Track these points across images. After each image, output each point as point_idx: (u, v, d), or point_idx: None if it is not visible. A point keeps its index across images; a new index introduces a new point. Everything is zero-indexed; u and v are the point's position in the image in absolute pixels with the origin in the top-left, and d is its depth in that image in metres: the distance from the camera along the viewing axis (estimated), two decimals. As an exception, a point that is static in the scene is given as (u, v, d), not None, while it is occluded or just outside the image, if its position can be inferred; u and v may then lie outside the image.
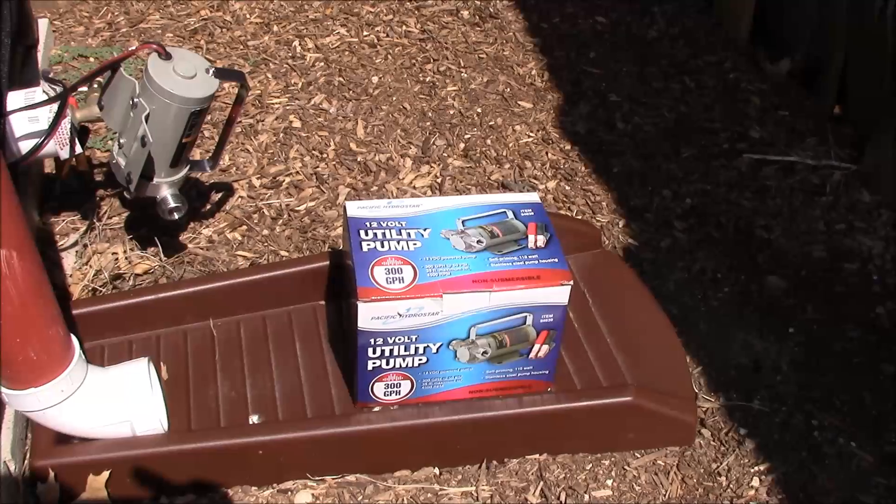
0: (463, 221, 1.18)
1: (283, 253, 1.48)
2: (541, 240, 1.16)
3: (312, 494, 1.13)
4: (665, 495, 1.16)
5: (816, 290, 1.46)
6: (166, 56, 1.17)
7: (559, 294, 1.12)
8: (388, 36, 2.04)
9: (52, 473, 1.08)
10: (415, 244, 1.14)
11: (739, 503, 1.15)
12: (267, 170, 1.65)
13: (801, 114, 1.83)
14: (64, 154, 1.25)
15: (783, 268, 1.50)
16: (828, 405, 1.28)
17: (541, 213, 1.21)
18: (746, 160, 1.71)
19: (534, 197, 1.24)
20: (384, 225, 1.16)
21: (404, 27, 2.06)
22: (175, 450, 1.11)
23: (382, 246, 1.13)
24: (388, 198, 1.60)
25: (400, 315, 1.08)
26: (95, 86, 1.30)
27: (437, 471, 1.17)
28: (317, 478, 1.14)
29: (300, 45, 2.00)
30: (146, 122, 1.15)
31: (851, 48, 1.74)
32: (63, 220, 1.52)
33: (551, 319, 1.14)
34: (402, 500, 1.13)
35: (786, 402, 1.28)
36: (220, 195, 1.59)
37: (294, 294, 1.34)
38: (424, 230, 1.16)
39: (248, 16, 2.09)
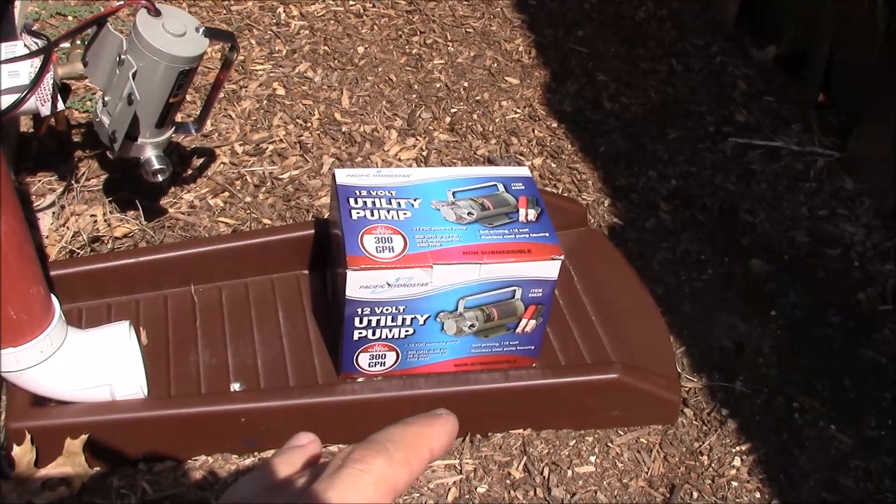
0: (453, 193, 1.17)
1: (265, 221, 1.46)
2: (532, 214, 1.15)
3: (294, 464, 1.11)
4: (647, 473, 1.16)
5: (799, 274, 1.46)
6: (156, 12, 1.13)
7: (549, 268, 1.11)
8: (374, 6, 2.01)
9: (28, 436, 1.05)
10: (405, 214, 1.12)
11: (721, 482, 1.15)
12: (250, 137, 1.62)
13: (786, 100, 1.83)
14: (45, 111, 1.21)
15: (766, 252, 1.50)
16: (808, 388, 1.29)
17: (532, 188, 1.20)
18: (732, 144, 1.71)
19: (524, 171, 1.23)
20: (374, 194, 1.15)
21: (391, -2, 2.04)
22: (155, 415, 1.09)
23: (372, 215, 1.11)
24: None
25: (389, 285, 1.07)
26: (79, 42, 1.27)
27: (420, 443, 1.16)
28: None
29: (285, 11, 1.96)
30: (133, 79, 1.12)
31: (839, 35, 1.74)
32: (40, 181, 1.48)
33: (540, 294, 1.13)
34: (385, 471, 1.12)
35: (767, 385, 1.29)
36: (201, 161, 1.56)
37: (277, 262, 1.32)
38: (415, 200, 1.15)
39: (231, -20, 2.05)
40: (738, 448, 1.20)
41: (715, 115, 1.79)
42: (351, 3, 2.01)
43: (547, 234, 1.12)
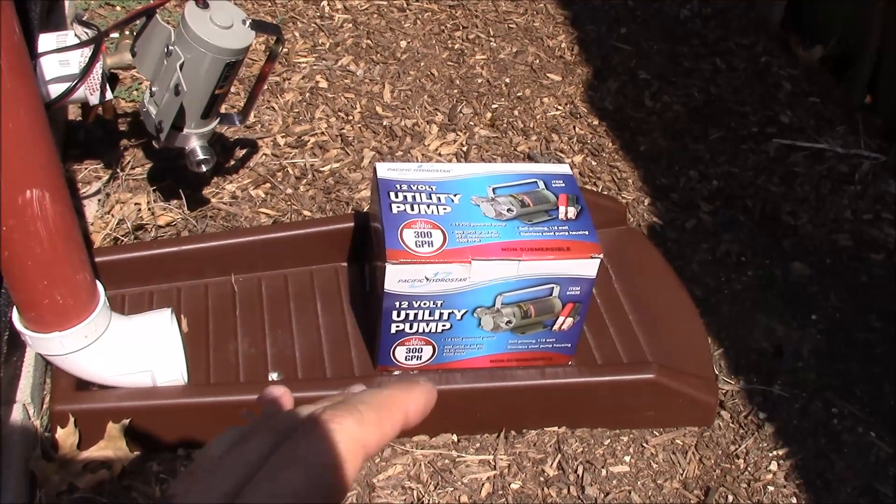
0: (493, 189, 1.17)
1: (305, 213, 1.47)
2: (571, 211, 1.15)
3: (330, 454, 1.12)
4: (682, 474, 1.15)
5: (841, 278, 1.45)
6: (204, 4, 1.15)
7: (588, 266, 1.11)
8: (417, 1, 2.01)
9: (71, 419, 1.07)
10: (445, 209, 1.13)
11: (757, 486, 1.14)
12: (292, 129, 1.64)
13: (831, 101, 1.81)
14: (94, 100, 1.23)
15: (808, 255, 1.48)
16: (848, 394, 1.28)
17: (572, 185, 1.20)
18: (775, 145, 1.70)
19: (565, 168, 1.23)
20: (414, 188, 1.15)
21: (434, -7, 2.04)
22: (194, 402, 1.11)
23: (412, 209, 1.12)
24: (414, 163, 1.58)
25: (427, 279, 1.07)
26: (127, 32, 1.28)
27: (455, 438, 1.17)
28: (334, 438, 1.14)
29: (329, 5, 1.97)
30: (180, 70, 1.14)
31: (886, 36, 1.71)
32: (86, 168, 1.51)
33: (578, 292, 1.13)
34: (420, 464, 1.13)
35: (806, 389, 1.28)
36: (244, 152, 1.58)
37: (316, 254, 1.33)
38: (455, 196, 1.15)
39: (276, -27, 2.06)
40: (774, 452, 1.19)
41: (758, 115, 1.77)
42: (394, -3, 2.02)
43: (586, 233, 1.12)
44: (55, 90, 1.23)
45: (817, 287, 1.43)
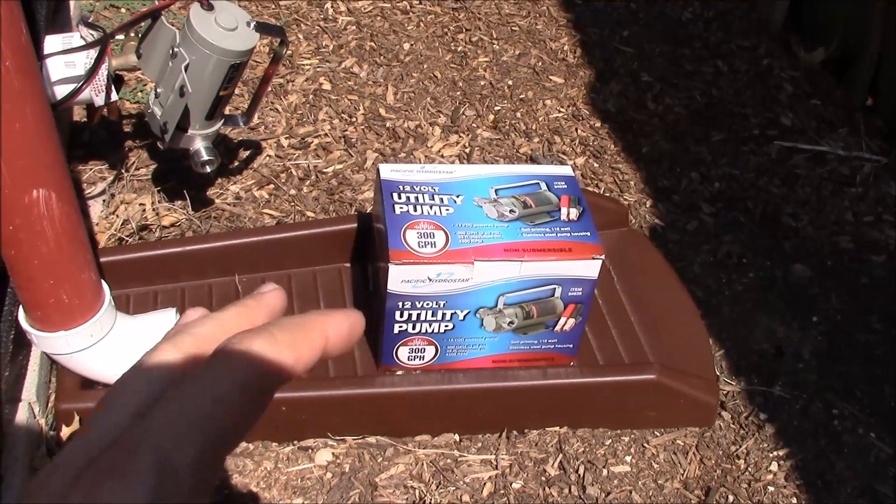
0: (496, 190, 1.18)
1: (309, 213, 1.48)
2: (573, 213, 1.16)
3: (333, 453, 1.13)
4: (683, 474, 1.16)
5: (842, 280, 1.45)
6: (208, 6, 1.16)
7: (590, 267, 1.12)
8: (420, 3, 2.02)
9: (76, 417, 1.08)
10: (447, 210, 1.13)
11: (757, 486, 1.15)
12: (296, 130, 1.64)
13: (833, 103, 1.82)
14: (99, 101, 1.24)
15: (809, 256, 1.49)
16: (848, 395, 1.28)
17: (574, 187, 1.20)
18: (776, 147, 1.70)
19: (567, 170, 1.24)
20: (417, 189, 1.16)
21: (437, -5, 2.05)
22: (198, 401, 1.12)
23: (415, 210, 1.13)
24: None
25: (430, 280, 1.08)
26: (133, 34, 1.29)
27: (457, 437, 1.17)
28: (337, 437, 1.15)
29: (332, 7, 1.98)
30: (185, 72, 1.14)
31: (888, 38, 1.72)
32: (91, 169, 1.52)
33: (580, 293, 1.14)
34: (422, 463, 1.13)
35: (806, 390, 1.28)
36: (248, 153, 1.58)
37: (320, 254, 1.34)
38: (457, 197, 1.16)
39: (280, -25, 2.07)
40: (775, 453, 1.19)
41: (760, 117, 1.78)
42: (397, -1, 2.03)
43: (588, 234, 1.13)
44: (61, 91, 1.23)
45: (818, 289, 1.44)
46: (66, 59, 1.23)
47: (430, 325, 1.13)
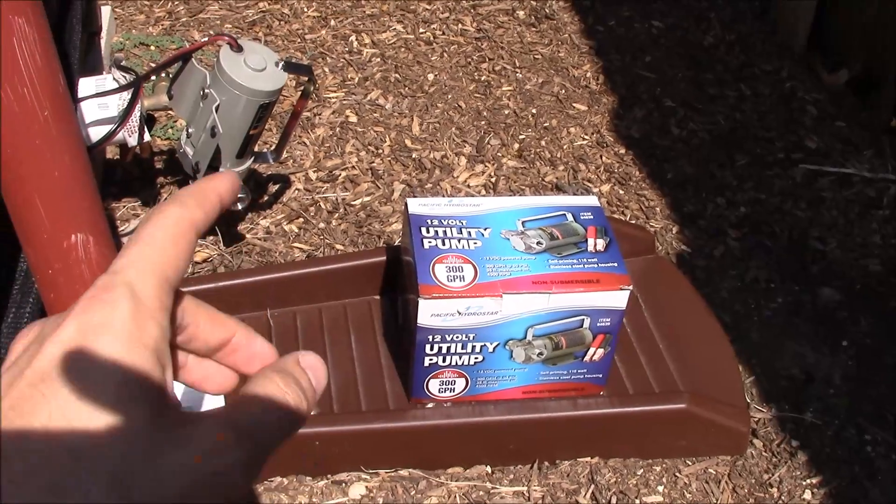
0: (523, 222, 1.19)
1: (338, 246, 1.50)
2: (600, 243, 1.17)
3: (366, 487, 1.14)
4: None
5: (871, 303, 1.45)
6: (238, 48, 1.18)
7: (618, 298, 1.12)
8: (444, 34, 2.05)
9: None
10: (475, 243, 1.15)
11: (790, 515, 1.15)
12: (323, 163, 1.67)
13: (858, 125, 1.82)
14: (132, 141, 1.27)
15: (837, 280, 1.49)
16: (880, 420, 1.28)
17: (600, 217, 1.21)
18: (802, 170, 1.70)
19: (593, 200, 1.25)
20: (445, 223, 1.17)
21: (460, 25, 2.07)
22: (233, 436, 1.13)
23: (443, 244, 1.14)
24: (443, 195, 1.61)
25: (459, 313, 1.09)
26: (164, 75, 1.32)
27: (489, 469, 1.18)
28: (370, 470, 1.16)
29: (357, 40, 2.01)
30: (216, 112, 1.17)
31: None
32: (124, 206, 1.55)
33: (608, 323, 1.15)
34: (455, 496, 1.14)
35: (838, 416, 1.28)
36: (277, 187, 1.61)
37: (350, 288, 1.35)
38: (485, 230, 1.17)
39: (305, 9, 2.11)
40: (808, 480, 1.19)
41: (784, 140, 1.78)
42: (421, 30, 2.05)
43: (615, 264, 1.14)
44: (95, 133, 1.27)
45: (847, 312, 1.44)
46: (98, 102, 1.26)
47: (459, 358, 1.14)
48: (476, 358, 1.14)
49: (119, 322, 0.34)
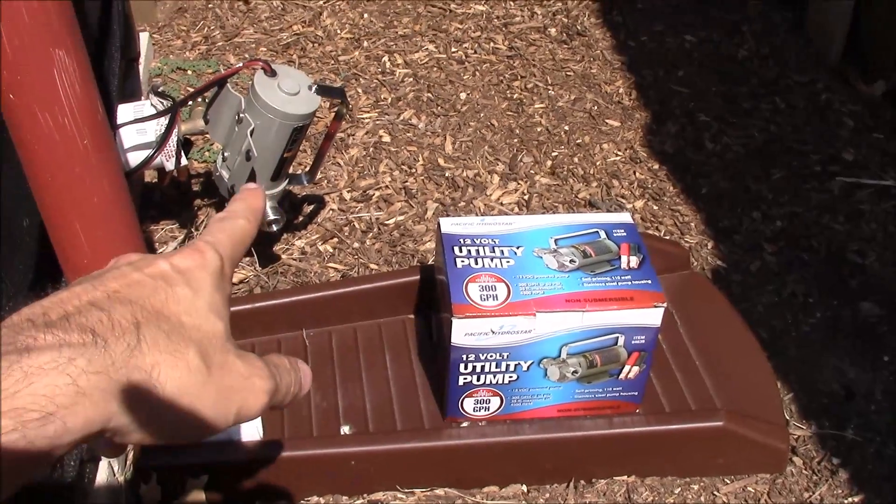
0: (556, 240, 1.19)
1: (372, 266, 1.51)
2: (634, 261, 1.17)
3: (402, 506, 1.15)
4: (755, 522, 1.15)
5: (912, 318, 1.43)
6: (272, 73, 1.20)
7: (652, 316, 1.12)
8: (475, 52, 2.06)
9: (153, 475, 1.12)
10: (508, 262, 1.15)
11: (832, 534, 1.13)
12: (357, 183, 1.68)
13: (896, 137, 1.80)
14: (169, 165, 1.29)
15: (877, 293, 1.47)
16: (924, 437, 1.26)
17: (633, 234, 1.21)
18: (839, 183, 1.69)
19: (626, 217, 1.24)
20: (478, 242, 1.18)
21: (492, 44, 2.08)
22: (270, 456, 1.14)
23: (476, 263, 1.14)
24: (476, 214, 1.62)
25: (493, 332, 1.10)
26: (200, 100, 1.35)
27: (524, 488, 1.18)
28: (406, 490, 1.16)
29: (389, 60, 2.03)
30: (251, 136, 1.19)
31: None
32: (162, 229, 1.57)
33: (643, 341, 1.14)
34: (491, 515, 1.14)
35: (879, 432, 1.26)
36: (312, 207, 1.63)
37: (384, 307, 1.36)
38: (517, 248, 1.17)
39: (338, 31, 2.13)
40: (850, 499, 1.17)
41: (821, 153, 1.76)
42: (453, 49, 2.07)
43: (649, 281, 1.13)
44: (134, 158, 1.29)
45: (887, 326, 1.42)
46: (137, 127, 1.29)
47: (494, 377, 1.14)
48: (511, 376, 1.14)
49: (212, 269, 0.46)
